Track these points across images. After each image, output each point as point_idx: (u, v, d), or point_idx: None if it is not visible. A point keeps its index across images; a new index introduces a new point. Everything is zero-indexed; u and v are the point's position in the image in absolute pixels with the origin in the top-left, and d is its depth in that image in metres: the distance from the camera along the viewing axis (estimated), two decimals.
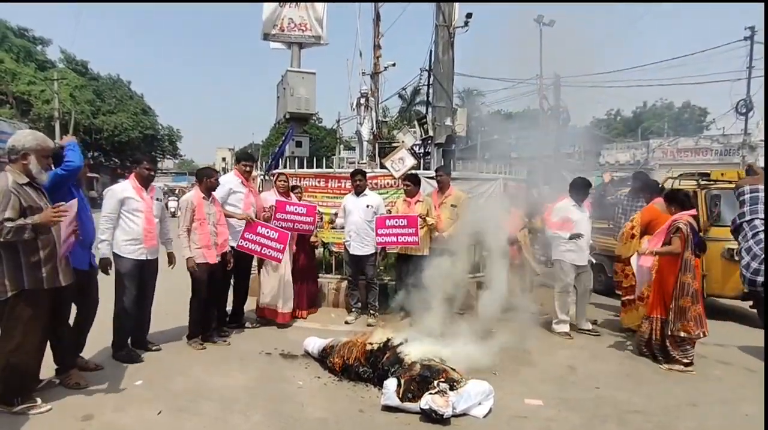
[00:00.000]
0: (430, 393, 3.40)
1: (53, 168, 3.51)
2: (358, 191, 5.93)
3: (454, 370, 3.76)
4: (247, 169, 5.41)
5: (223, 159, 49.42)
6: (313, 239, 6.07)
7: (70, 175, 3.56)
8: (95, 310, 4.10)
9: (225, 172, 6.14)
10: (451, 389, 3.46)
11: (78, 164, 3.55)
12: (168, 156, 43.09)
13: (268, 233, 5.31)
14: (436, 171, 6.08)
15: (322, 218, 6.29)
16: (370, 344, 4.25)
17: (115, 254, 4.25)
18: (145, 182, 4.44)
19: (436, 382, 3.51)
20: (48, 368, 3.73)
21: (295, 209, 5.64)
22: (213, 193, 4.94)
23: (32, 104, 28.13)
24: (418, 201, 5.84)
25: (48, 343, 3.59)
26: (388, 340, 4.25)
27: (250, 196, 5.39)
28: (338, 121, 28.37)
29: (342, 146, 32.18)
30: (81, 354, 4.18)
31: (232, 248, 5.12)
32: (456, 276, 5.38)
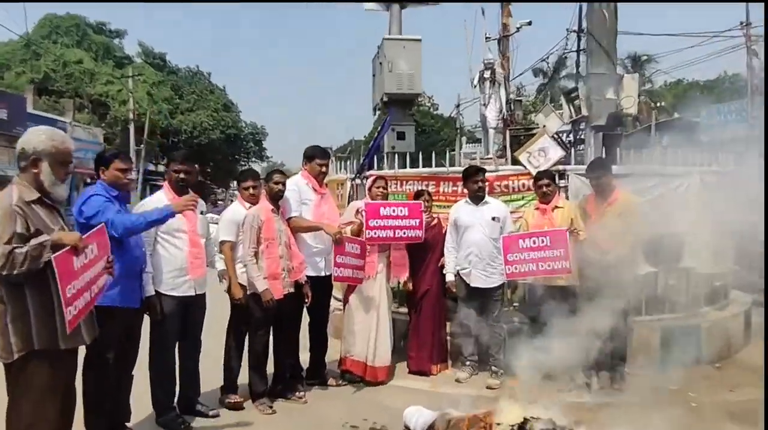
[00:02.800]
0: None
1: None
2: (477, 198, 5.60)
3: None
4: (323, 169, 5.33)
5: None
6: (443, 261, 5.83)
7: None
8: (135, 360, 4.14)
9: None
10: None
11: (116, 235, 3.59)
12: (253, 158, 45.40)
13: (395, 211, 5.39)
14: (592, 168, 5.55)
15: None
16: (499, 424, 3.84)
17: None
18: (181, 190, 4.35)
19: None
20: None
21: (393, 211, 5.42)
22: (282, 204, 4.95)
23: (109, 106, 31.77)
24: (557, 206, 5.45)
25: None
26: (526, 421, 3.83)
27: (322, 206, 5.26)
28: (457, 106, 27.96)
29: (464, 139, 31.74)
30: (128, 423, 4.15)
31: (309, 277, 5.07)
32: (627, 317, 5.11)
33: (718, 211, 5.41)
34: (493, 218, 5.56)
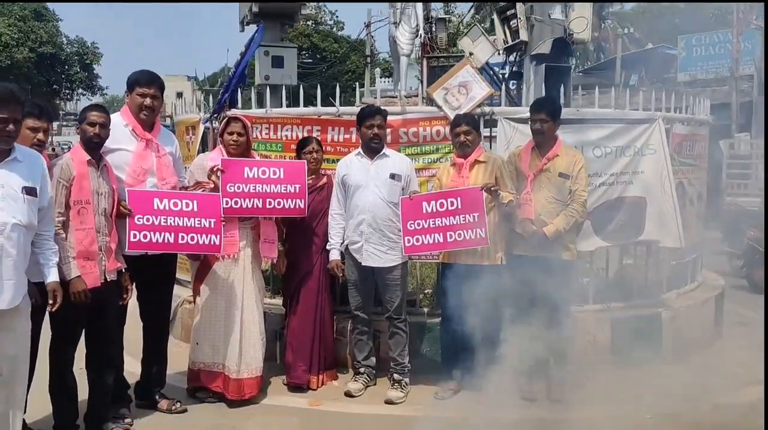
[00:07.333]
0: None
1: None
2: (373, 149, 5.65)
3: None
4: (146, 101, 5.08)
5: (179, 95, 49.81)
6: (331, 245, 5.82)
7: None
8: None
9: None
10: None
11: None
12: (81, 90, 43.48)
13: (266, 173, 5.35)
14: (539, 106, 5.67)
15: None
16: None
17: None
18: None
19: None
20: None
21: (264, 173, 5.40)
22: (102, 152, 4.80)
23: None
24: (478, 161, 5.59)
25: None
26: None
27: (148, 157, 5.12)
28: (368, 26, 27.67)
29: (378, 71, 31.76)
30: None
31: (137, 257, 5.00)
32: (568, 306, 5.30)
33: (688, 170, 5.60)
34: (392, 176, 5.61)
